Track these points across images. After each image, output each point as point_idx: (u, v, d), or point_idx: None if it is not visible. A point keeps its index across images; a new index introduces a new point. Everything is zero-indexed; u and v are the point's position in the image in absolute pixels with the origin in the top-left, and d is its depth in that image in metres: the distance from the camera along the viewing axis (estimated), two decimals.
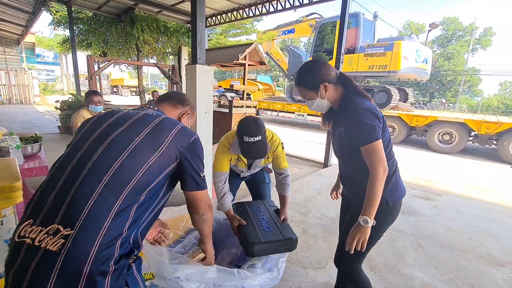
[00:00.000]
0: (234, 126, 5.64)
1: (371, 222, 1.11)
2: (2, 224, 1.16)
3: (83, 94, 5.65)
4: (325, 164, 4.91)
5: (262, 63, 6.08)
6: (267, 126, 1.66)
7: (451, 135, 6.80)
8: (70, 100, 6.69)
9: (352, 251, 1.15)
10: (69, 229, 0.68)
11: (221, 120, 5.74)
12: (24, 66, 17.42)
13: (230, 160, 1.73)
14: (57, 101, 6.89)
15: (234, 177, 1.97)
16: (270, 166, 2.01)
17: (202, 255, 1.25)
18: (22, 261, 0.67)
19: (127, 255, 0.78)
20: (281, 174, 1.81)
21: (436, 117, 6.92)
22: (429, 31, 13.93)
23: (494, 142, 6.34)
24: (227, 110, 5.66)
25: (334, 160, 5.19)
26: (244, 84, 6.09)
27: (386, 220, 1.25)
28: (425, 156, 6.47)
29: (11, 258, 0.70)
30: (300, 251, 2.23)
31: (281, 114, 10.82)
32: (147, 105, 1.06)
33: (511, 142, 5.96)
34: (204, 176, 0.98)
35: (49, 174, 0.81)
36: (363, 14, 9.00)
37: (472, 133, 6.65)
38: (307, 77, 1.25)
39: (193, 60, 2.56)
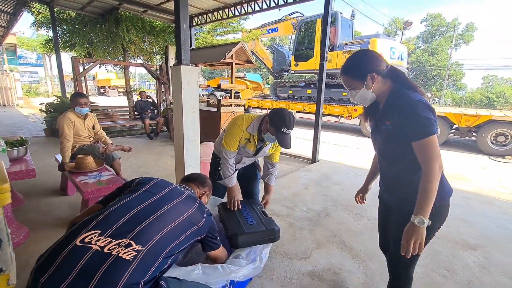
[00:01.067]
0: (223, 125, 5.69)
1: (427, 222, 1.05)
2: None
3: (68, 95, 5.58)
4: (313, 160, 5.03)
5: (249, 61, 6.14)
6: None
7: None
8: (55, 102, 6.58)
9: (409, 255, 1.09)
10: (141, 246, 0.91)
11: (210, 119, 5.78)
12: (5, 68, 16.90)
13: (240, 140, 1.83)
14: (41, 104, 6.76)
15: None
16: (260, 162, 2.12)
17: None
18: (88, 263, 0.83)
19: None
20: (272, 166, 2.01)
21: None
22: (404, 29, 14.40)
23: (474, 134, 6.62)
24: (215, 109, 5.70)
25: (321, 155, 5.32)
26: (232, 83, 6.13)
27: (434, 222, 1.15)
28: None
29: (66, 260, 0.84)
30: (286, 243, 2.32)
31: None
32: (185, 187, 1.37)
33: (488, 134, 6.24)
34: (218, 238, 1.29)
35: (119, 199, 1.11)
36: (341, 13, 9.28)
37: (454, 126, 6.91)
38: (355, 66, 1.21)
39: (178, 61, 2.60)
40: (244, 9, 6.06)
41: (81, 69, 5.74)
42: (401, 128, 1.11)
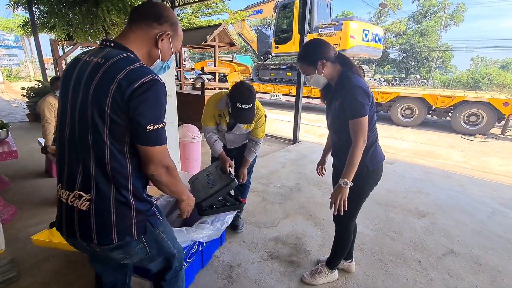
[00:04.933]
0: None
1: (350, 183, 1.30)
2: None
3: (50, 79, 5.53)
4: (294, 141, 5.25)
5: (232, 44, 6.15)
6: None
7: (412, 109, 7.33)
8: (36, 86, 6.49)
9: (336, 211, 1.34)
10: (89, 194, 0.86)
11: (194, 103, 5.87)
12: None
13: (215, 116, 1.93)
14: (22, 88, 6.66)
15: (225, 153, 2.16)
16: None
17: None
18: (65, 215, 0.91)
19: None
20: (253, 141, 2.06)
21: (398, 93, 7.40)
22: (380, 10, 14.37)
23: (450, 114, 6.93)
24: (200, 93, 5.77)
25: (301, 137, 5.54)
26: (215, 65, 6.17)
27: (368, 183, 1.46)
28: (388, 130, 6.99)
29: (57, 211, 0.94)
30: (257, 214, 2.56)
31: (257, 95, 10.95)
32: (106, 42, 0.90)
33: (462, 114, 6.56)
34: (158, 127, 0.85)
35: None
36: None
37: (433, 107, 7.20)
38: (307, 54, 1.38)
39: None
40: None
41: (61, 52, 5.64)
42: (344, 107, 1.33)
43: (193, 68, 13.37)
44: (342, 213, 1.35)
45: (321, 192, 3.08)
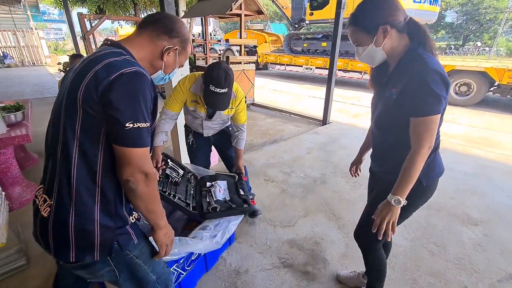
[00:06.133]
0: None
1: (403, 202, 0.98)
2: None
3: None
4: (324, 122, 4.79)
5: (260, 12, 5.59)
6: (273, 81, 1.60)
7: (469, 86, 6.23)
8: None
9: (381, 236, 1.03)
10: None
11: None
12: (31, 25, 17.23)
13: (186, 102, 1.69)
14: (59, 63, 6.92)
15: (202, 144, 1.99)
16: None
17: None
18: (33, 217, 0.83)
19: None
20: (238, 128, 1.85)
21: (454, 66, 6.28)
22: None
23: None
24: None
25: (333, 117, 5.04)
26: (241, 36, 5.72)
27: (417, 200, 1.11)
28: None
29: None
30: (274, 209, 2.33)
31: (288, 68, 10.28)
32: (105, 41, 0.85)
33: None
34: (140, 126, 0.73)
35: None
36: None
37: (495, 83, 6.06)
38: (365, 15, 0.99)
39: None
40: None
41: (88, 27, 5.63)
42: (406, 98, 0.95)
43: (219, 40, 12.87)
44: (390, 239, 1.05)
45: (349, 186, 2.73)
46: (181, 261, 1.37)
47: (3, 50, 13.15)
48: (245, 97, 1.80)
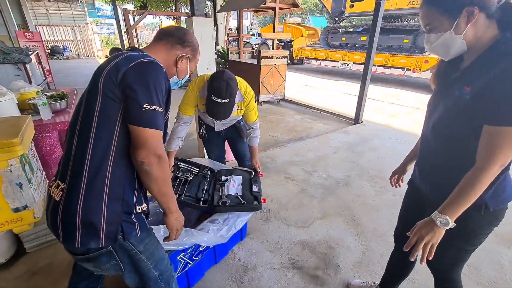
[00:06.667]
0: (263, 80, 5.47)
1: (451, 225, 0.81)
2: (11, 171, 1.46)
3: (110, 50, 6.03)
4: (356, 121, 4.55)
5: (295, 5, 5.43)
6: (308, 76, 1.59)
7: None
8: None
9: (413, 257, 0.87)
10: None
11: (249, 72, 5.60)
12: (88, 21, 18.94)
13: (197, 106, 1.74)
14: (106, 56, 7.52)
15: (214, 137, 2.01)
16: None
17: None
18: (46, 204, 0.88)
19: None
20: (250, 127, 1.86)
21: None
22: None
23: None
24: (256, 62, 5.45)
25: (367, 116, 4.76)
26: (274, 30, 5.63)
27: (483, 228, 0.92)
28: None
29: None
30: (290, 208, 2.29)
31: (324, 63, 9.91)
32: (129, 48, 0.95)
33: None
34: (156, 109, 0.80)
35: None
36: None
37: None
38: None
39: (191, 12, 2.45)
40: None
41: (131, 22, 6.00)
42: (487, 100, 0.75)
43: (253, 34, 12.83)
44: (424, 263, 0.86)
45: (374, 191, 2.56)
46: (188, 251, 1.41)
47: (63, 43, 14.67)
48: (255, 96, 1.81)
